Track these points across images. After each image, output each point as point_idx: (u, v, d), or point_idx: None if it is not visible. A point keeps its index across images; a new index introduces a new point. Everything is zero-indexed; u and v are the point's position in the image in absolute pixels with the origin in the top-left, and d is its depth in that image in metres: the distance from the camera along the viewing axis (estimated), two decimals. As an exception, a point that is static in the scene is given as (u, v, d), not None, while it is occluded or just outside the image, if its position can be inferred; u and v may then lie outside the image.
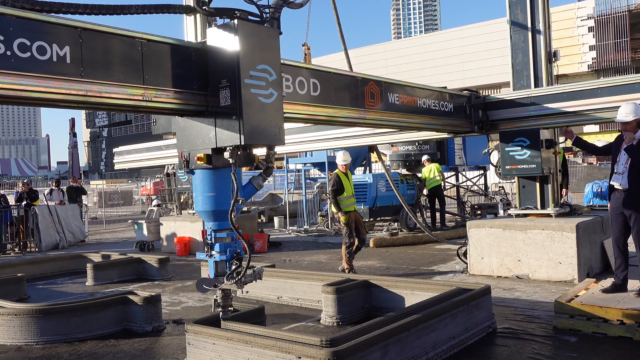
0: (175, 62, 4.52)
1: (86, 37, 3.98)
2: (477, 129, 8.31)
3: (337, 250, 11.82)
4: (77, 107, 4.28)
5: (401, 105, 7.05)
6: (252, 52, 4.45)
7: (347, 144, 10.30)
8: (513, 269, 7.97)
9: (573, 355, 4.73)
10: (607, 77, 28.84)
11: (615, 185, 5.92)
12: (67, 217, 15.56)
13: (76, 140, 48.43)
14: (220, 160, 4.59)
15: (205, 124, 4.66)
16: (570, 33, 36.90)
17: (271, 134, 4.56)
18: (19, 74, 3.65)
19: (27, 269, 9.70)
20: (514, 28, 8.66)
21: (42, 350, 5.58)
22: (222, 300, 4.81)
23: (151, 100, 4.35)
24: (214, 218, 4.78)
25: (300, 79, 5.53)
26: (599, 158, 27.76)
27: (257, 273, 4.87)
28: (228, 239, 4.79)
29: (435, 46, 44.83)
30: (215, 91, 4.52)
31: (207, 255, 4.81)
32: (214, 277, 4.78)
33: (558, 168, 8.61)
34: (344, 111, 6.16)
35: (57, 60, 3.83)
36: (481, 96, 8.44)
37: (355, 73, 6.47)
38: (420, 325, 4.53)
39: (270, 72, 4.57)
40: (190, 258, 11.67)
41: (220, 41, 4.51)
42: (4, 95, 3.67)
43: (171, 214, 17.37)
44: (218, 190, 4.73)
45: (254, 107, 4.40)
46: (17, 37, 3.64)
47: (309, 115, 5.71)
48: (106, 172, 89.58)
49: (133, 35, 4.27)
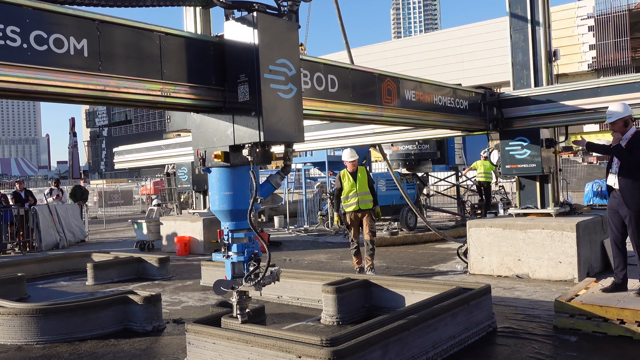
0: (193, 57, 4.40)
1: (104, 30, 3.87)
2: (491, 126, 8.20)
3: (337, 250, 11.83)
4: (94, 102, 4.19)
5: (417, 103, 6.92)
6: (271, 46, 4.32)
7: (350, 143, 10.28)
8: (513, 269, 7.97)
9: (573, 354, 4.73)
10: (620, 75, 28.81)
11: (611, 185, 5.94)
12: (67, 217, 15.56)
13: (76, 140, 48.53)
14: (238, 157, 4.47)
15: (222, 121, 4.53)
16: (570, 32, 36.87)
17: (291, 130, 4.45)
18: (36, 67, 3.54)
19: (27, 269, 9.70)
20: (514, 27, 8.65)
21: (42, 350, 5.58)
22: (239, 302, 4.69)
23: (169, 95, 4.25)
24: (231, 218, 4.64)
25: (318, 74, 5.40)
26: (599, 157, 27.76)
27: (275, 274, 4.70)
28: (246, 239, 4.65)
29: (435, 45, 44.77)
30: (233, 86, 4.40)
31: (224, 256, 4.68)
32: (231, 278, 4.65)
33: (558, 167, 8.62)
34: (361, 108, 6.03)
35: (75, 53, 3.72)
36: (496, 93, 8.33)
37: (372, 69, 6.33)
38: (421, 324, 4.52)
39: (289, 67, 4.45)
40: (190, 258, 11.68)
41: (238, 35, 4.38)
42: (21, 90, 3.57)
43: (171, 213, 17.39)
44: (235, 189, 4.59)
45: (273, 103, 4.29)
46: (33, 29, 3.54)
47: (326, 112, 5.58)
48: (106, 172, 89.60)
49: (151, 28, 4.16)
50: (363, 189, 8.57)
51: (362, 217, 8.62)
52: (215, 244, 12.31)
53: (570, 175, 23.52)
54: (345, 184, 8.64)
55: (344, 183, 8.64)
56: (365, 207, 8.57)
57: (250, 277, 4.56)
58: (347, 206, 8.64)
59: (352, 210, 8.59)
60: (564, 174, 14.38)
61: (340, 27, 8.72)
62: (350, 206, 8.60)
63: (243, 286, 4.62)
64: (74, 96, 3.84)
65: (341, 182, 8.66)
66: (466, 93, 7.93)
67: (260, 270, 4.58)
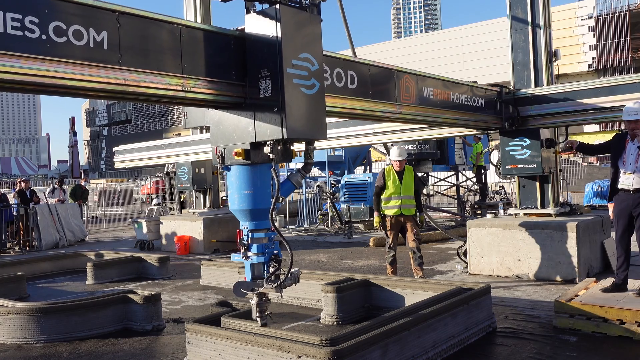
0: (213, 51, 4.28)
1: (124, 21, 3.75)
2: (507, 125, 8.09)
3: (337, 250, 11.83)
4: (114, 97, 4.09)
5: (435, 100, 6.81)
6: (294, 40, 4.19)
7: (349, 142, 10.29)
8: (513, 269, 7.97)
9: (573, 354, 4.73)
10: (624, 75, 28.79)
11: (624, 187, 5.81)
12: (67, 216, 15.56)
13: (76, 139, 48.55)
14: (259, 155, 4.34)
15: (243, 117, 4.39)
16: (571, 32, 36.86)
17: (314, 127, 4.34)
18: (55, 59, 3.43)
19: (27, 268, 9.70)
20: (515, 27, 8.65)
21: (42, 349, 5.58)
22: (258, 304, 4.52)
23: (190, 90, 4.12)
24: (251, 217, 4.48)
25: (338, 70, 5.28)
26: (599, 158, 27.75)
27: (295, 276, 4.51)
28: (266, 239, 4.50)
29: (436, 45, 44.76)
30: (254, 82, 4.27)
31: (243, 257, 4.51)
32: (250, 280, 4.49)
33: (558, 168, 8.61)
34: (380, 105, 5.90)
35: (94, 45, 3.61)
36: (511, 91, 8.23)
37: (391, 65, 6.20)
38: (420, 324, 4.52)
39: (312, 62, 4.31)
40: (190, 257, 11.68)
41: (260, 28, 4.24)
42: (39, 84, 3.46)
43: (171, 213, 17.38)
44: (256, 187, 4.44)
45: (296, 99, 4.16)
46: (52, 20, 3.42)
47: (346, 109, 5.46)
48: (106, 171, 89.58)
49: (172, 20, 4.06)
50: (407, 192, 7.68)
51: (404, 222, 7.70)
52: (215, 243, 12.32)
53: (570, 176, 23.52)
54: (389, 184, 7.70)
55: (388, 182, 7.70)
56: (407, 213, 7.66)
57: (271, 279, 4.40)
58: (387, 209, 7.72)
59: (392, 214, 7.68)
60: (564, 174, 14.36)
61: (344, 26, 8.66)
62: (391, 209, 7.68)
63: (265, 288, 4.47)
64: (94, 90, 3.74)
65: (384, 180, 7.74)
66: (482, 90, 7.82)
67: (281, 272, 4.41)
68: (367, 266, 9.74)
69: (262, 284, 4.45)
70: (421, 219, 7.88)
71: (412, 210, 7.68)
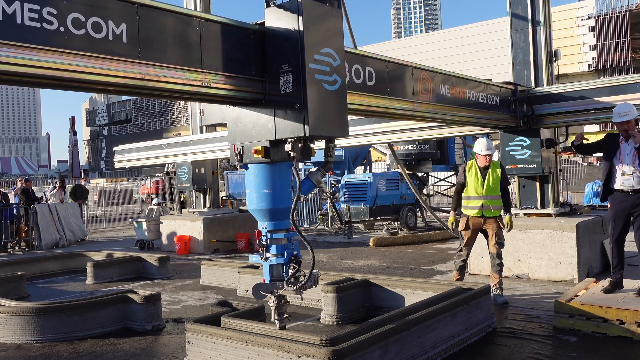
0: (232, 45, 4.13)
1: (143, 14, 3.61)
2: (522, 123, 8.00)
3: (337, 250, 11.83)
4: (133, 92, 4.00)
5: (451, 98, 6.69)
6: (316, 34, 4.03)
7: (349, 142, 10.27)
8: (513, 269, 7.97)
9: (573, 355, 4.73)
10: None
11: (623, 187, 5.80)
12: (67, 216, 15.57)
13: (76, 139, 48.37)
14: (279, 153, 4.20)
15: (262, 114, 4.24)
16: (571, 33, 36.85)
17: (336, 124, 4.20)
18: (74, 53, 3.30)
19: (27, 268, 9.72)
20: (515, 27, 8.65)
21: (42, 348, 5.58)
22: (277, 307, 4.37)
23: (210, 86, 3.97)
24: (271, 217, 4.33)
25: (357, 66, 5.16)
26: (599, 158, 27.69)
27: (315, 278, 4.35)
28: (285, 240, 4.35)
29: (436, 45, 44.76)
30: (275, 77, 4.11)
31: (262, 258, 4.38)
32: (270, 281, 4.35)
33: (558, 168, 8.61)
34: (397, 102, 5.77)
35: (114, 38, 3.47)
36: (525, 89, 8.16)
37: (409, 62, 6.09)
38: (420, 324, 4.53)
39: (334, 57, 4.16)
40: (190, 257, 11.68)
41: (281, 22, 4.09)
42: (57, 77, 3.34)
43: (171, 212, 17.40)
44: (275, 186, 4.29)
45: (318, 95, 4.00)
46: (70, 11, 3.28)
47: (364, 106, 5.33)
48: (106, 171, 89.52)
49: (191, 13, 3.95)
50: (492, 192, 6.66)
51: (485, 224, 6.73)
52: (214, 243, 12.32)
53: (570, 176, 23.50)
54: (470, 180, 6.77)
55: (469, 178, 6.78)
56: (490, 215, 6.67)
57: (291, 281, 4.26)
58: (467, 208, 6.80)
59: (472, 215, 6.73)
60: (564, 174, 14.35)
61: (346, 24, 8.63)
62: (471, 209, 6.74)
63: (285, 290, 4.32)
64: (113, 85, 3.62)
65: (465, 177, 6.82)
66: (496, 88, 7.74)
67: (302, 274, 4.28)
68: (367, 266, 9.73)
69: (282, 285, 4.31)
70: (507, 221, 6.75)
71: (495, 212, 6.70)
